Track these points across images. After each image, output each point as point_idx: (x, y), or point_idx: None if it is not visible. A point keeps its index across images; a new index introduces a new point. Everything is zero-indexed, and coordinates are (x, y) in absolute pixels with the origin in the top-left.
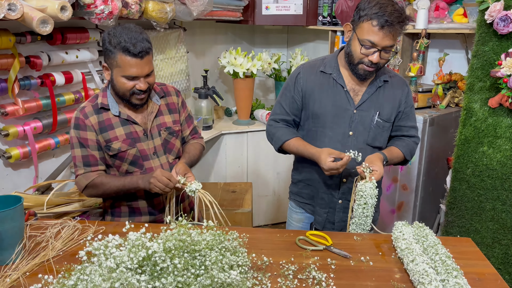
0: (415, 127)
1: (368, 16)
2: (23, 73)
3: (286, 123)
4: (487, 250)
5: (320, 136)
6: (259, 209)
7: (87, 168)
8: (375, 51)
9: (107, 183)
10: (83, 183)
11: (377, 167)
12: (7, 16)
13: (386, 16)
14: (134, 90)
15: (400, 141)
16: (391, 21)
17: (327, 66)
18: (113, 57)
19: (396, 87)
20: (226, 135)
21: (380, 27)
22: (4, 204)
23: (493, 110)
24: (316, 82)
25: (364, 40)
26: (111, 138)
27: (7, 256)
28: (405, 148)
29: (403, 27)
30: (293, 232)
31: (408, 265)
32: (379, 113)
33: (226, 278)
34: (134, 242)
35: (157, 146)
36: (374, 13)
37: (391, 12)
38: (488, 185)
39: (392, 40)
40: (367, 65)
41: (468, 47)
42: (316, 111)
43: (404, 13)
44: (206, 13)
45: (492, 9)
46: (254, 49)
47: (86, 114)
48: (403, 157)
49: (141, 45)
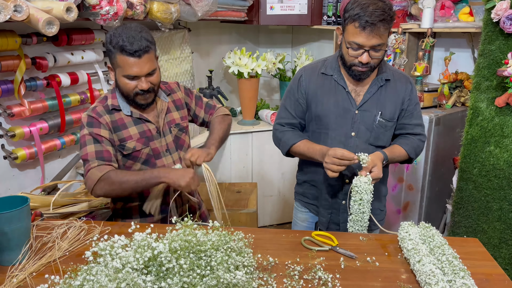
0: (421, 125)
1: (351, 18)
2: (29, 74)
3: (292, 126)
4: (494, 250)
5: (323, 137)
6: (264, 209)
7: (101, 162)
8: (363, 51)
9: (123, 176)
10: (96, 176)
11: (377, 168)
12: (13, 18)
13: (367, 16)
14: (137, 91)
15: (404, 139)
16: (371, 21)
17: (328, 67)
18: (114, 57)
19: (399, 85)
20: (231, 135)
21: (362, 28)
22: (10, 204)
23: (499, 109)
24: (318, 84)
25: (350, 42)
26: (126, 137)
27: (14, 257)
28: (408, 146)
29: (389, 24)
30: (299, 232)
31: (414, 266)
32: (381, 112)
33: (231, 279)
34: (140, 242)
35: (169, 143)
36: (355, 14)
37: (372, 11)
38: (495, 185)
39: (379, 39)
40: (359, 66)
41: (474, 46)
42: (318, 113)
43: (388, 10)
44: (210, 13)
45: (498, 8)
46: (259, 49)
47: (99, 113)
48: (406, 155)
49: (138, 44)
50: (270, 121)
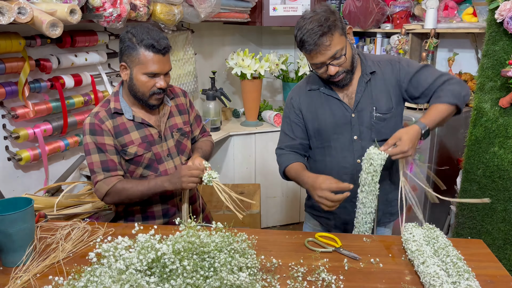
0: (441, 75)
1: (299, 46)
2: (33, 76)
3: (291, 148)
4: (498, 252)
5: (327, 151)
6: (268, 210)
7: (106, 174)
8: (326, 66)
9: (130, 188)
10: (104, 190)
11: (401, 142)
12: (17, 20)
13: (307, 40)
14: (154, 90)
15: (437, 93)
16: (313, 42)
17: (311, 83)
18: (135, 54)
19: (386, 72)
20: (234, 137)
21: (309, 52)
22: (14, 206)
23: (504, 110)
24: (308, 101)
25: (311, 64)
26: (127, 142)
27: (18, 258)
28: (445, 98)
29: (332, 33)
30: (302, 233)
31: (418, 267)
32: (375, 108)
33: (235, 280)
34: (144, 244)
35: (170, 147)
36: (299, 41)
37: (310, 32)
38: (499, 186)
39: (330, 49)
40: (334, 78)
41: (478, 46)
42: (316, 128)
43: (324, 21)
44: (213, 15)
45: (502, 8)
46: (262, 50)
47: (102, 119)
48: (448, 107)
49: (164, 42)
50: (273, 122)
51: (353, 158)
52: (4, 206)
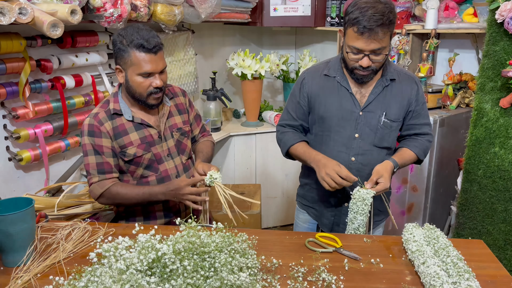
0: (428, 124)
1: (350, 22)
2: (34, 77)
3: (292, 128)
4: (499, 252)
5: (326, 139)
6: (268, 211)
7: (101, 176)
8: (363, 56)
9: (124, 194)
10: (98, 192)
11: (383, 179)
12: (18, 20)
13: (365, 21)
14: (151, 90)
15: (413, 141)
16: (369, 27)
17: (331, 69)
18: (127, 56)
19: (405, 85)
20: (235, 137)
21: (360, 33)
22: (15, 206)
23: (504, 110)
24: (321, 86)
25: (350, 46)
26: (126, 143)
27: (19, 258)
28: (417, 149)
29: (388, 28)
30: (303, 234)
31: (419, 268)
32: (385, 113)
33: (235, 280)
34: (144, 244)
35: (170, 147)
36: (354, 18)
37: (371, 16)
38: (500, 186)
39: (378, 43)
40: (360, 70)
41: (479, 47)
42: (321, 115)
43: (387, 13)
44: (214, 15)
45: (502, 9)
46: (262, 51)
47: (101, 120)
48: (416, 158)
49: (154, 40)
50: (273, 122)
51: (348, 155)
52: (5, 206)
